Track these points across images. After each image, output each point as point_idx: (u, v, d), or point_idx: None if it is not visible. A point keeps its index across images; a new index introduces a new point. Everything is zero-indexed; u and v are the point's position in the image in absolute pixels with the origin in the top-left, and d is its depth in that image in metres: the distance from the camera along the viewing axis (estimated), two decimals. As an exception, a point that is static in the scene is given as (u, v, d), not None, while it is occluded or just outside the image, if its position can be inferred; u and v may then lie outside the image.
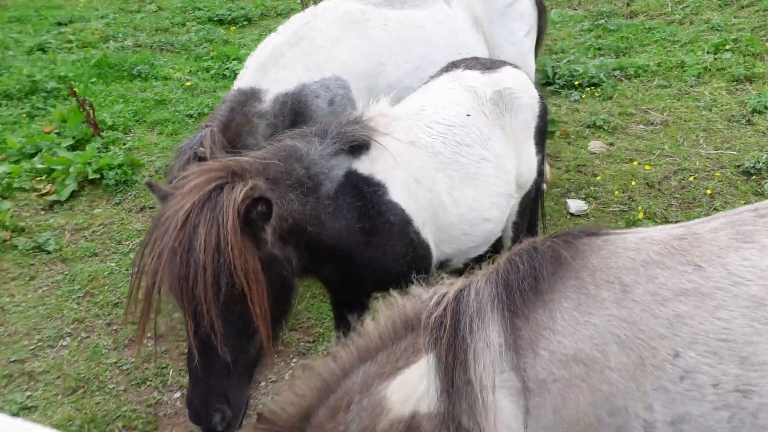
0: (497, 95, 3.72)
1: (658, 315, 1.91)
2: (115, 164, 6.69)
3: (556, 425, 1.94)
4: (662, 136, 7.06)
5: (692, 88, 8.08)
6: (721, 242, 1.98)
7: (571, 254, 2.06)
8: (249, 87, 4.87)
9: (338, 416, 2.26)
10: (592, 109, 7.83)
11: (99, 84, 9.55)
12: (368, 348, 2.30)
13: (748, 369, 1.82)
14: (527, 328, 2.01)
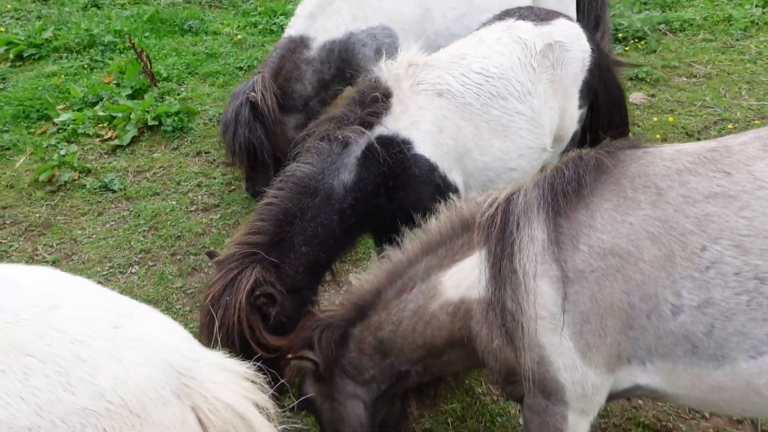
0: (548, 48, 3.78)
1: (689, 214, 2.15)
2: (172, 112, 7.06)
3: (592, 310, 2.21)
4: (704, 89, 7.10)
5: (738, 41, 8.03)
6: (749, 153, 2.19)
7: (612, 163, 2.31)
8: (298, 35, 5.13)
9: (402, 296, 2.65)
10: (636, 61, 7.87)
11: (152, 38, 9.91)
12: (430, 243, 2.65)
13: (766, 260, 2.05)
14: (569, 226, 2.27)
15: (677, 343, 2.17)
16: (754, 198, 2.10)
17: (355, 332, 2.80)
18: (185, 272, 4.97)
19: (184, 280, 4.88)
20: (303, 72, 5.14)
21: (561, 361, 2.27)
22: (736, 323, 2.09)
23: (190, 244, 5.29)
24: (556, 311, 2.24)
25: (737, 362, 2.13)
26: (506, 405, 3.74)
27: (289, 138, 5.20)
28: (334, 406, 2.89)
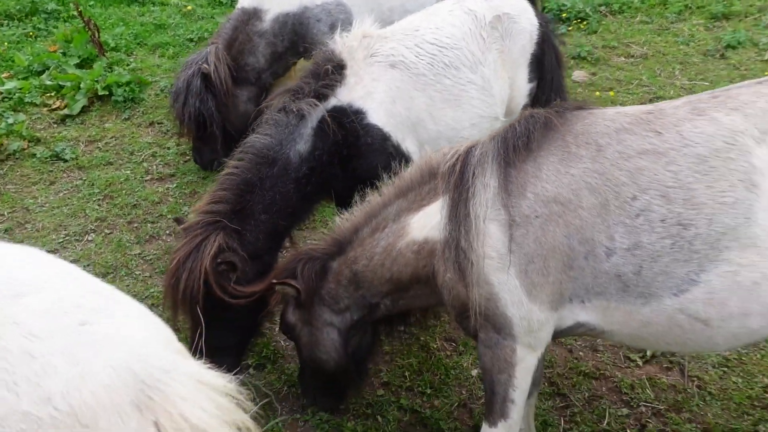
0: (497, 19, 3.96)
1: (623, 168, 2.41)
2: (123, 82, 7.00)
3: (536, 251, 2.46)
4: (641, 68, 7.48)
5: (672, 24, 8.46)
6: (680, 115, 2.46)
7: (560, 121, 2.55)
8: (252, 6, 5.19)
9: (375, 234, 2.92)
10: (578, 41, 8.21)
11: (97, 7, 9.71)
12: (402, 188, 2.91)
13: (688, 208, 2.33)
14: (517, 176, 2.52)
15: (610, 282, 2.44)
16: (681, 155, 2.37)
17: (334, 265, 3.05)
18: (143, 239, 5.02)
19: (142, 247, 4.94)
20: (256, 44, 5.20)
21: (508, 298, 2.53)
22: (661, 264, 2.37)
23: (146, 213, 5.33)
24: (503, 251, 2.49)
25: (662, 299, 2.41)
26: (459, 359, 3.99)
27: (240, 111, 5.27)
28: (312, 332, 3.15)
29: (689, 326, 2.42)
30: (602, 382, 3.80)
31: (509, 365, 2.65)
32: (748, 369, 3.82)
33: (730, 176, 2.30)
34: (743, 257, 2.29)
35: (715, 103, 2.45)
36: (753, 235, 2.27)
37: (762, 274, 2.28)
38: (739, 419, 3.53)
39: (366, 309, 3.07)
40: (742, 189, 2.28)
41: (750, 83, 2.52)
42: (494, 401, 2.74)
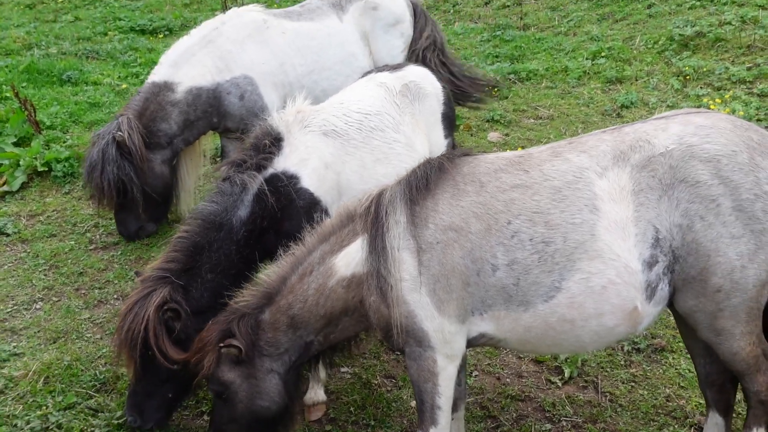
0: (405, 87, 4.52)
1: (500, 199, 2.98)
2: (62, 158, 7.23)
3: (440, 272, 2.96)
4: (548, 128, 8.29)
5: (574, 88, 9.41)
6: (542, 157, 3.08)
7: (450, 165, 3.12)
8: (162, 80, 5.68)
9: (304, 279, 3.28)
10: (491, 106, 8.98)
11: (29, 88, 9.91)
12: (323, 234, 3.33)
13: (549, 229, 2.91)
14: (420, 211, 3.04)
15: (498, 293, 2.96)
16: (542, 187, 2.98)
17: (266, 316, 3.33)
18: (92, 305, 5.21)
19: (91, 312, 5.12)
20: (168, 113, 5.64)
21: (422, 313, 3.00)
22: (533, 275, 2.91)
23: (93, 279, 5.53)
24: (415, 274, 2.98)
25: (536, 305, 2.95)
26: (399, 392, 4.35)
27: (156, 173, 5.66)
28: (254, 384, 3.37)
29: (560, 327, 2.96)
30: (528, 403, 4.23)
31: (433, 374, 3.08)
32: (652, 382, 4.34)
33: (578, 202, 2.91)
34: (592, 266, 2.88)
35: (570, 147, 3.09)
36: (598, 248, 2.88)
37: (608, 280, 2.88)
38: (646, 425, 4.01)
39: (302, 348, 3.38)
40: (587, 212, 2.90)
41: (596, 132, 3.18)
42: (424, 409, 3.14)
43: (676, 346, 4.61)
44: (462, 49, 11.41)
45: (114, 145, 5.33)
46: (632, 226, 2.87)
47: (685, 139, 2.95)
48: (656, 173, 2.90)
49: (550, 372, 4.49)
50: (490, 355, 4.64)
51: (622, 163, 2.94)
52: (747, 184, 2.85)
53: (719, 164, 2.87)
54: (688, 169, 2.88)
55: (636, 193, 2.89)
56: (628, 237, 2.86)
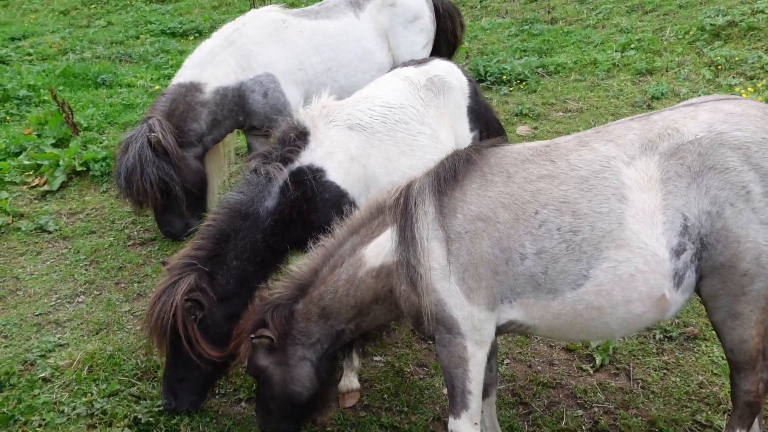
0: (429, 81, 4.57)
1: (527, 189, 3.01)
2: (100, 158, 7.44)
3: (469, 261, 3.01)
4: (578, 121, 8.27)
5: (603, 80, 9.36)
6: (569, 147, 3.10)
7: (478, 156, 3.16)
8: (188, 81, 5.80)
9: (335, 271, 3.39)
10: (519, 100, 9.01)
11: (66, 92, 10.19)
12: (353, 226, 3.42)
13: (576, 218, 2.93)
14: (449, 201, 3.09)
15: (526, 282, 3.00)
16: (569, 177, 3.00)
17: (299, 307, 3.47)
18: (131, 298, 5.37)
19: (131, 305, 5.28)
20: (198, 113, 5.77)
21: (452, 301, 3.05)
22: (561, 264, 2.95)
23: (132, 274, 5.69)
24: (444, 263, 3.04)
25: (565, 293, 2.98)
26: (431, 380, 4.42)
27: (193, 168, 5.79)
28: (287, 370, 3.52)
29: (588, 314, 2.99)
30: (559, 390, 4.26)
31: (463, 360, 3.13)
32: (684, 369, 4.34)
33: (606, 191, 2.93)
34: (620, 255, 2.90)
35: (596, 136, 3.11)
36: (626, 237, 2.89)
37: (636, 268, 2.89)
38: (679, 411, 4.02)
39: (333, 337, 3.50)
40: (615, 201, 2.91)
41: (624, 120, 3.18)
42: (455, 394, 3.20)
43: (709, 334, 4.59)
44: (490, 44, 11.41)
45: (149, 146, 5.44)
46: (660, 214, 2.89)
47: (715, 126, 2.95)
48: (685, 161, 2.91)
49: (581, 360, 4.51)
50: (521, 344, 4.67)
51: (650, 152, 2.96)
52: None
53: (749, 151, 2.88)
54: (718, 157, 2.89)
55: (664, 182, 2.90)
56: (656, 225, 2.88)
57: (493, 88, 9.55)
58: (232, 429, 4.10)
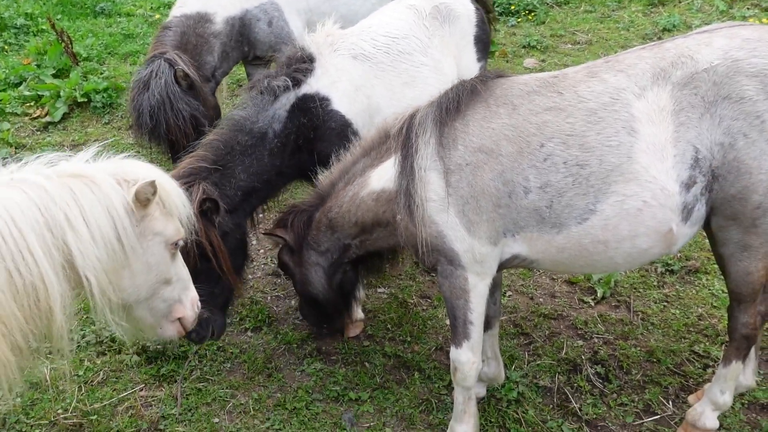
0: (435, 9, 4.46)
1: (532, 122, 2.95)
2: (101, 89, 7.34)
3: (470, 193, 2.99)
4: (587, 53, 8.09)
5: (613, 12, 9.11)
6: (578, 78, 3.01)
7: (483, 87, 3.10)
8: (194, 11, 5.54)
9: (347, 187, 3.44)
10: (527, 32, 8.80)
11: (64, 20, 9.99)
12: (366, 147, 3.44)
13: (584, 152, 2.88)
14: (450, 132, 3.05)
15: (530, 215, 2.98)
16: (576, 109, 2.92)
17: (317, 215, 3.58)
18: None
19: (136, 236, 5.30)
20: (212, 44, 5.58)
21: (452, 234, 3.05)
22: (567, 198, 2.91)
23: (137, 205, 5.70)
24: (443, 195, 3.03)
25: (570, 227, 2.95)
26: (434, 311, 4.48)
27: (213, 105, 5.63)
28: (302, 272, 3.69)
29: (593, 248, 2.98)
30: (560, 321, 4.32)
31: (464, 291, 3.16)
32: (685, 302, 4.39)
33: (615, 124, 2.85)
34: (627, 189, 2.85)
35: (606, 66, 3.00)
36: (634, 170, 2.83)
37: (644, 202, 2.85)
38: (677, 342, 4.08)
39: (341, 249, 3.60)
40: (624, 134, 2.84)
41: (635, 49, 3.07)
42: (457, 324, 3.24)
43: (711, 268, 4.62)
44: (497, -27, 11.07)
45: (174, 82, 5.20)
46: (671, 147, 2.82)
47: (731, 53, 2.83)
48: (699, 90, 2.82)
49: (582, 292, 4.56)
50: (523, 276, 4.72)
51: (662, 82, 2.86)
52: None
53: (767, 78, 2.78)
54: (733, 85, 2.79)
55: (676, 113, 2.82)
56: (666, 159, 2.82)
57: (501, 19, 9.30)
58: (239, 356, 4.19)
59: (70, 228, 2.38)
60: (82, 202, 2.42)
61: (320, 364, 4.11)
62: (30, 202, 2.33)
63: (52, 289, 2.35)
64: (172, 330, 3.03)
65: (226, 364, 4.17)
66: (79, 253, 2.41)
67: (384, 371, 4.04)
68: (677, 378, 3.84)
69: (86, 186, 2.45)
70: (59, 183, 2.41)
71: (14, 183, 2.38)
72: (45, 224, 2.33)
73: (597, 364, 3.95)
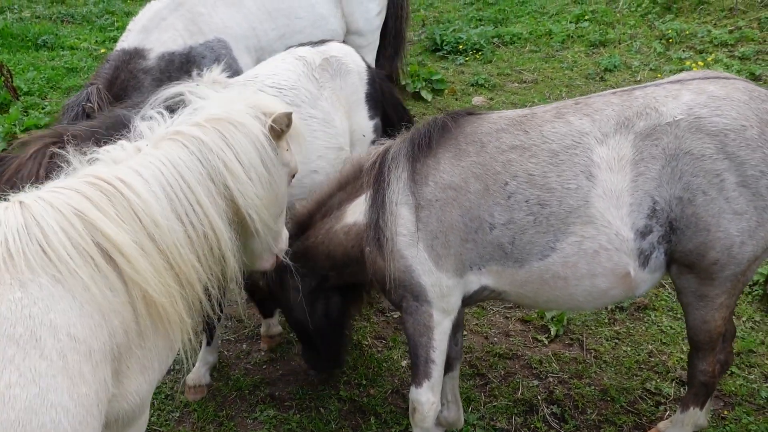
0: (325, 62, 4.29)
1: (498, 160, 3.00)
2: (42, 124, 7.11)
3: (439, 228, 3.02)
4: (533, 92, 8.30)
5: (557, 52, 9.40)
6: (545, 118, 3.07)
7: (454, 125, 3.14)
8: (133, 47, 5.44)
9: (325, 218, 3.48)
10: (475, 70, 8.99)
11: (4, 53, 9.69)
12: (341, 182, 3.47)
13: (545, 192, 2.93)
14: (422, 169, 3.09)
15: (495, 250, 3.02)
16: (540, 149, 2.98)
17: (298, 243, 3.54)
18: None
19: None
20: (141, 80, 5.45)
21: (420, 268, 3.07)
22: (528, 235, 2.96)
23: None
24: (412, 229, 3.06)
25: (531, 263, 3.01)
26: (390, 353, 4.43)
27: None
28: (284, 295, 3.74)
29: (554, 284, 3.03)
30: (515, 361, 4.33)
31: (428, 328, 3.15)
32: (635, 339, 4.46)
33: (575, 168, 2.92)
34: (585, 231, 2.91)
35: (574, 108, 3.07)
36: (591, 214, 2.90)
37: (600, 245, 2.91)
38: (630, 380, 4.13)
39: (318, 278, 3.62)
40: (583, 178, 2.91)
41: (606, 93, 3.13)
42: (418, 363, 3.21)
43: (658, 305, 4.72)
44: (445, 13, 11.33)
45: (84, 116, 5.13)
46: (627, 195, 2.87)
47: (695, 110, 2.86)
48: (660, 143, 2.86)
49: (536, 331, 4.59)
50: (477, 315, 4.72)
51: (625, 131, 2.91)
52: (753, 161, 2.80)
53: (726, 138, 2.80)
54: (694, 142, 2.82)
55: (636, 163, 2.87)
56: (622, 206, 2.87)
57: (449, 57, 9.50)
58: (188, 405, 4.03)
59: (228, 173, 2.53)
60: (234, 144, 2.57)
61: (273, 410, 4.00)
62: (191, 156, 2.48)
63: (222, 235, 2.52)
64: (271, 261, 3.14)
65: (174, 413, 4.01)
66: (240, 194, 2.57)
67: (339, 416, 3.95)
68: (631, 417, 3.87)
69: (233, 127, 2.59)
70: (212, 130, 2.55)
71: (173, 136, 2.53)
72: (207, 175, 2.49)
73: (553, 404, 3.96)
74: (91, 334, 2.14)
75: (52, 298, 2.10)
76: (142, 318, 2.31)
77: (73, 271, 2.14)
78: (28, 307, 2.04)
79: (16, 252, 2.09)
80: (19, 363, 1.95)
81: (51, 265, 2.13)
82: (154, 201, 2.34)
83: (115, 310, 2.22)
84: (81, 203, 2.24)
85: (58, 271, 2.13)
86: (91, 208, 2.23)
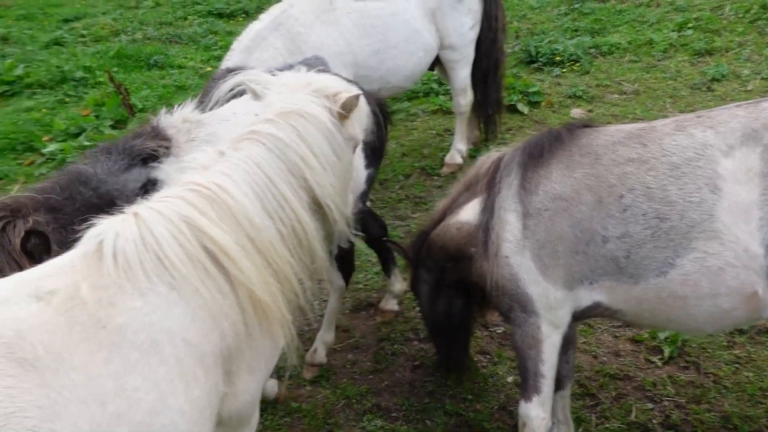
0: None
1: (614, 173, 2.97)
2: (156, 140, 7.54)
3: (546, 238, 3.04)
4: (634, 103, 8.07)
5: (659, 61, 9.10)
6: (665, 131, 3.01)
7: (568, 136, 3.16)
8: (236, 66, 5.68)
9: (448, 217, 3.59)
10: (572, 82, 8.83)
11: (120, 73, 10.33)
12: (467, 182, 3.60)
13: (664, 205, 2.86)
14: (533, 177, 3.13)
15: (608, 264, 2.97)
16: (659, 162, 2.92)
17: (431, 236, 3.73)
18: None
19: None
20: None
21: (526, 277, 3.10)
22: (645, 250, 2.89)
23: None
24: (519, 237, 3.10)
25: (648, 279, 2.93)
26: (495, 368, 4.40)
27: None
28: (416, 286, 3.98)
29: (672, 302, 2.93)
30: (627, 382, 4.20)
31: (537, 341, 3.15)
32: (758, 364, 4.24)
33: (698, 180, 2.83)
34: (709, 246, 2.81)
35: (696, 121, 3.00)
36: (716, 229, 2.79)
37: (725, 262, 2.79)
38: (753, 407, 3.93)
39: (440, 270, 3.75)
40: (707, 191, 2.81)
41: (730, 106, 3.05)
42: (527, 377, 3.20)
43: (781, 328, 4.48)
44: (539, 24, 11.18)
45: None
46: (757, 209, 2.76)
47: None
48: None
49: (648, 351, 4.44)
50: (585, 334, 4.62)
51: (753, 143, 2.81)
52: None
53: None
54: None
55: (765, 176, 2.76)
56: (751, 220, 2.76)
57: (544, 69, 9.37)
58: (298, 411, 4.15)
59: (305, 165, 2.62)
60: (306, 136, 2.65)
61: (381, 420, 4.06)
62: (270, 153, 2.57)
63: (308, 227, 2.62)
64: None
65: (286, 418, 4.14)
66: (317, 185, 2.66)
67: (446, 430, 3.96)
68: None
69: (303, 118, 2.67)
70: (284, 125, 2.63)
71: (250, 135, 2.62)
72: (287, 170, 2.58)
73: (670, 429, 3.82)
74: (203, 338, 2.27)
75: (168, 305, 2.24)
76: (249, 318, 2.40)
77: (186, 278, 2.27)
78: (148, 315, 2.19)
79: (135, 262, 2.24)
80: (142, 368, 2.09)
81: (166, 273, 2.27)
82: (247, 202, 2.44)
83: (224, 312, 2.34)
84: (187, 210, 2.36)
85: (172, 278, 2.27)
86: (197, 214, 2.35)
